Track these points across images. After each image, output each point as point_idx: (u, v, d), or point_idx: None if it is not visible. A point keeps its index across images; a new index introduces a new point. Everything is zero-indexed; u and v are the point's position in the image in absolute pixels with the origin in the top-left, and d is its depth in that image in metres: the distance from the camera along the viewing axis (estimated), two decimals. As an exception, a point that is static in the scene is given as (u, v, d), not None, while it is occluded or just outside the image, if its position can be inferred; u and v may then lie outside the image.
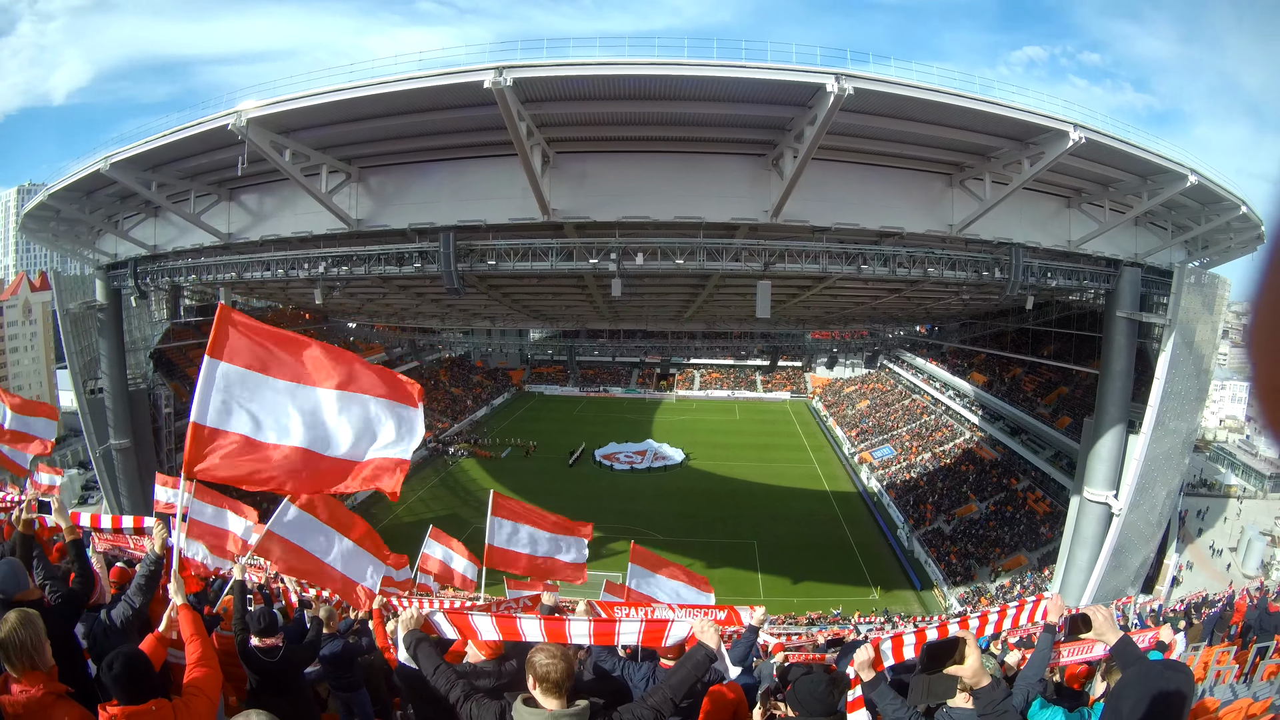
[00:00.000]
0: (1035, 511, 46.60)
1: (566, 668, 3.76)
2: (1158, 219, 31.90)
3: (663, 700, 4.04)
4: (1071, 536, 34.87)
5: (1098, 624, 4.68)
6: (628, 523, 48.46)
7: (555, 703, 3.76)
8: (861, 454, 68.63)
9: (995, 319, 54.07)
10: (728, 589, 38.65)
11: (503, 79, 18.71)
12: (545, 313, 55.32)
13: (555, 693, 3.76)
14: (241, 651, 6.98)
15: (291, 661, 7.06)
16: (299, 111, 21.56)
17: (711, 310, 49.53)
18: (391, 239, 27.63)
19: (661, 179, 24.99)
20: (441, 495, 58.09)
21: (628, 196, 24.89)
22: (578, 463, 67.43)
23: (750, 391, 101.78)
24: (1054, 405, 50.14)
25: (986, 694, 4.18)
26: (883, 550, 48.21)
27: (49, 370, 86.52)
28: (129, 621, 5.63)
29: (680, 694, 4.13)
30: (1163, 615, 24.01)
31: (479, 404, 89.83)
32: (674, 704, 4.07)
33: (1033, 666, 4.90)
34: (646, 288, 37.61)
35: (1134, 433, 32.17)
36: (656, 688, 4.21)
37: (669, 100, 21.66)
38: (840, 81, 18.88)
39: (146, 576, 5.78)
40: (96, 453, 40.73)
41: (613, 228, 25.94)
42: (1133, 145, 24.08)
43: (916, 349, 78.17)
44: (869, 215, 26.03)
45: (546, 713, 3.75)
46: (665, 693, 4.09)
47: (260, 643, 6.90)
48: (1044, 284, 30.15)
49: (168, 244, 32.36)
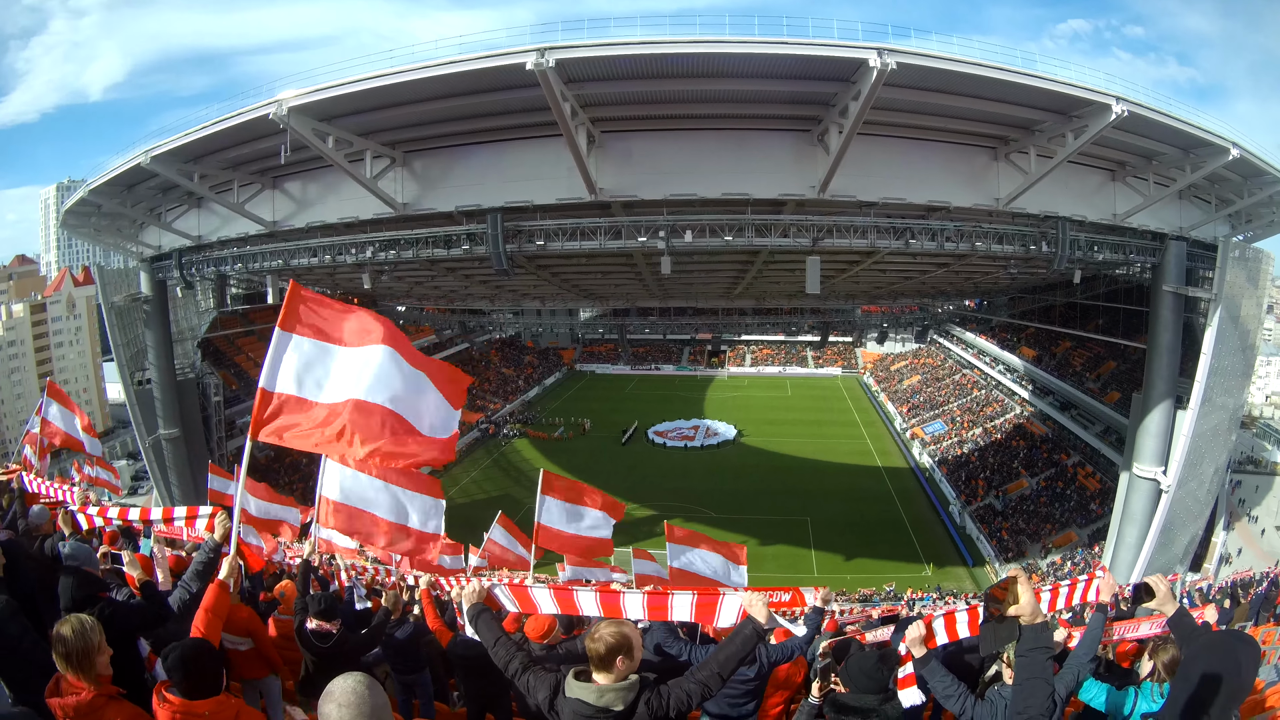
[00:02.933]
0: (1086, 488, 46.22)
1: (617, 643, 3.78)
2: (1201, 192, 31.46)
3: (710, 675, 4.07)
4: (1121, 513, 34.53)
5: (1160, 595, 4.64)
6: (681, 500, 48.76)
7: (606, 677, 3.81)
8: (913, 429, 68.13)
9: (1043, 293, 53.34)
10: (782, 566, 38.99)
11: (545, 60, 18.64)
12: (595, 292, 55.24)
13: (605, 667, 3.81)
14: (298, 633, 7.05)
15: (344, 648, 7.03)
16: (340, 99, 21.62)
17: (761, 287, 49.40)
18: (438, 222, 27.73)
19: (708, 156, 24.93)
20: (495, 476, 58.37)
21: (674, 174, 24.83)
22: (630, 441, 67.58)
23: (801, 367, 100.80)
24: (1103, 380, 49.66)
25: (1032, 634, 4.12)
26: (935, 526, 47.92)
27: (95, 364, 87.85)
28: (186, 606, 5.64)
29: (729, 669, 4.15)
30: (1210, 594, 23.82)
31: (530, 384, 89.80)
32: (721, 678, 4.10)
33: (1084, 646, 4.86)
34: (695, 265, 37.59)
35: (1182, 408, 31.73)
36: (704, 662, 4.22)
37: (712, 77, 21.56)
38: (883, 56, 18.67)
39: (204, 563, 5.79)
40: (146, 443, 41.13)
41: (660, 206, 25.87)
42: (1174, 118, 23.71)
43: (966, 323, 77.39)
44: (915, 189, 25.86)
45: (595, 686, 3.81)
46: (713, 667, 4.12)
47: (316, 626, 6.93)
48: (1090, 258, 29.87)
49: (212, 234, 32.63)
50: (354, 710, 2.97)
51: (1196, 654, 4.05)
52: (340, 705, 2.98)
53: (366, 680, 3.11)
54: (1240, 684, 3.72)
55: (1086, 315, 50.21)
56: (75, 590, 5.33)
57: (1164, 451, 32.38)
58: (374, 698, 3.04)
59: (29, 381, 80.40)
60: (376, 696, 3.06)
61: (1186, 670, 4.00)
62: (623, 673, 3.81)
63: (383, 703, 3.08)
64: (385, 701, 3.11)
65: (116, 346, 40.24)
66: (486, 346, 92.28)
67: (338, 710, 2.98)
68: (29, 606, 5.20)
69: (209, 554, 5.87)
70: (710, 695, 4.07)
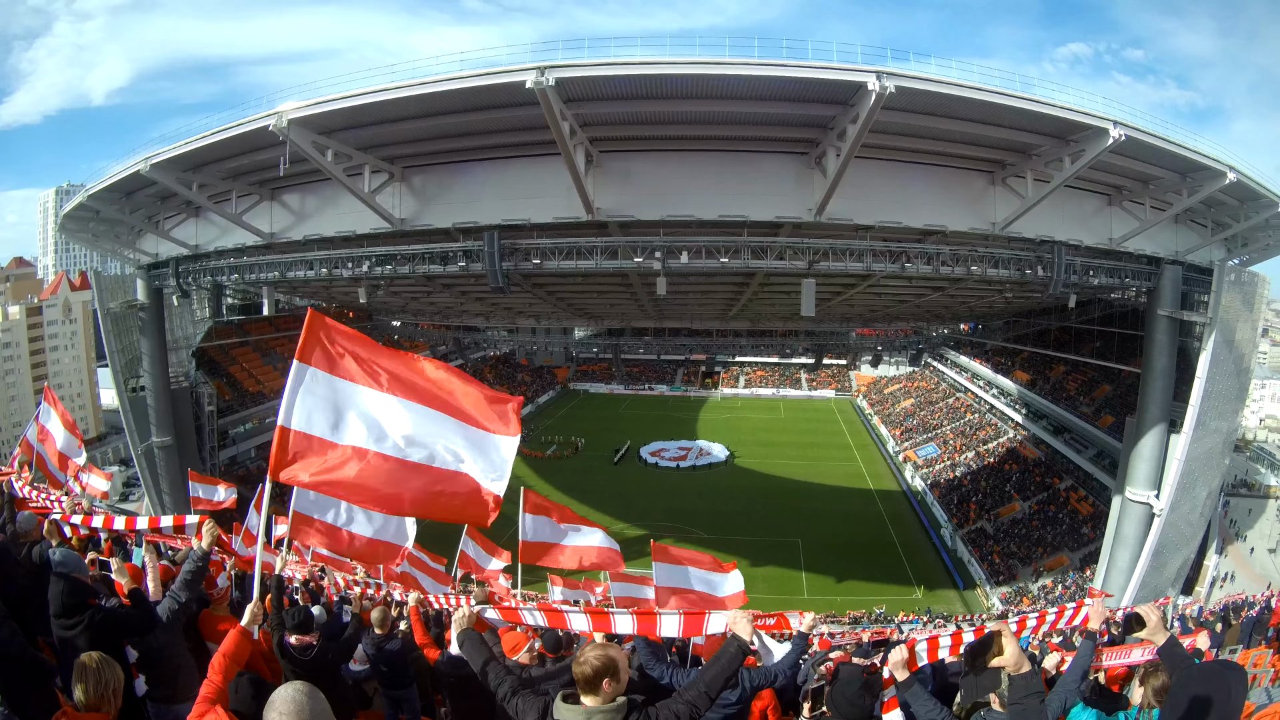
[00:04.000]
0: (1078, 511, 46.32)
1: (603, 665, 3.75)
2: (1198, 216, 31.61)
3: (698, 695, 4.03)
4: (1113, 537, 34.60)
5: (1151, 624, 4.71)
6: (672, 520, 48.92)
7: (594, 699, 3.79)
8: (906, 452, 68.43)
9: (1038, 317, 53.38)
10: (772, 587, 38.95)
11: (545, 79, 18.71)
12: (590, 311, 55.39)
13: (592, 689, 3.79)
14: (278, 647, 6.91)
15: (327, 658, 6.98)
16: (340, 112, 21.69)
17: (756, 308, 49.49)
18: (435, 238, 27.74)
19: (705, 177, 25.01)
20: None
21: (672, 195, 24.91)
22: (623, 461, 67.60)
23: (795, 390, 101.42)
24: (1097, 404, 49.64)
25: (1021, 682, 4.23)
26: (926, 549, 48.14)
27: (89, 369, 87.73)
28: (175, 616, 5.68)
29: (716, 688, 4.13)
30: (1202, 617, 23.83)
31: (524, 402, 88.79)
32: (709, 698, 4.06)
33: (1072, 673, 4.92)
34: (691, 286, 37.68)
35: (1175, 432, 31.77)
36: (691, 683, 4.19)
37: (711, 99, 21.65)
38: (881, 80, 18.78)
39: (193, 572, 5.81)
40: (138, 450, 41.17)
41: (657, 226, 25.97)
42: (1171, 142, 23.84)
43: (960, 347, 77.53)
44: (912, 213, 25.94)
45: (583, 709, 3.79)
46: (700, 687, 4.09)
47: (295, 640, 6.86)
48: (1086, 282, 29.95)
49: (209, 244, 32.60)
50: (295, 717, 3.10)
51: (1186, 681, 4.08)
52: (281, 713, 3.11)
53: (307, 688, 3.26)
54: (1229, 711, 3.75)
55: (1081, 339, 50.30)
56: (66, 597, 5.24)
57: (1157, 475, 32.43)
58: (314, 704, 3.18)
59: (23, 384, 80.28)
60: (316, 703, 3.20)
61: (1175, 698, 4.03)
62: (610, 695, 3.79)
63: (323, 709, 3.22)
64: (326, 708, 3.25)
65: (112, 353, 40.34)
66: (481, 363, 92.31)
67: (279, 718, 3.11)
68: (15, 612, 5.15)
69: (197, 563, 5.87)
70: (698, 716, 4.02)
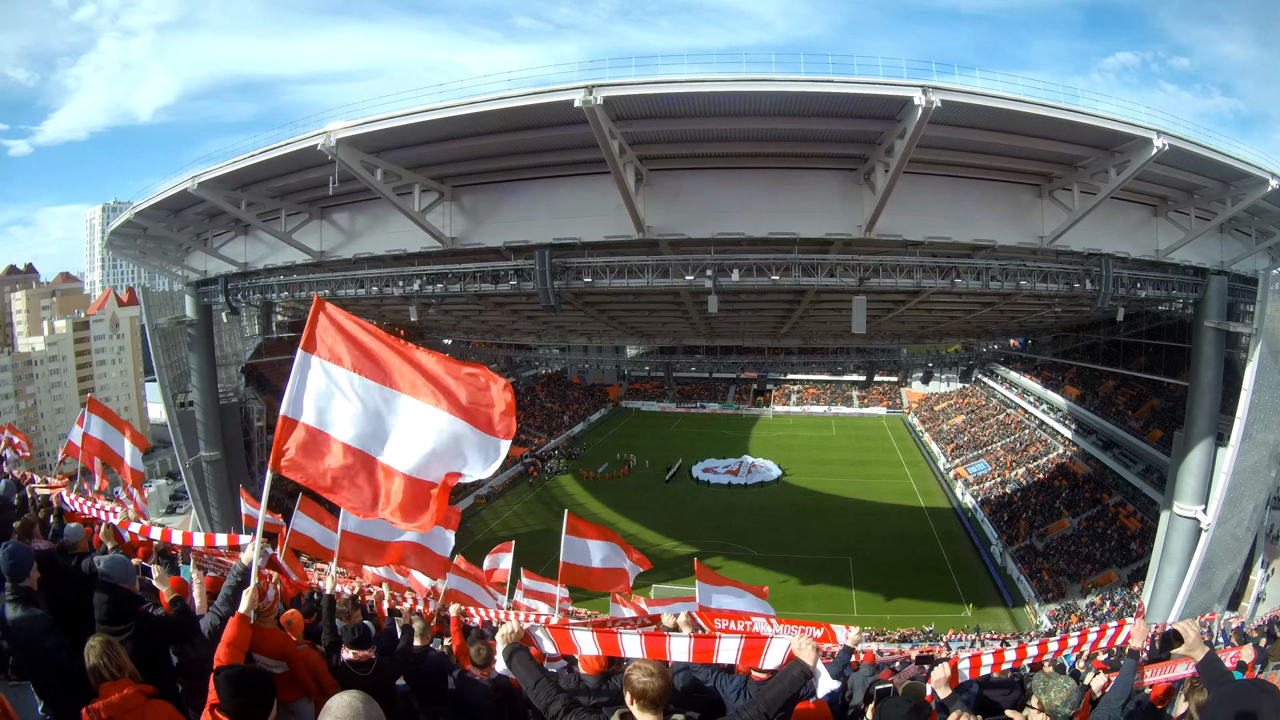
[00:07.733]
0: (1126, 527, 45.71)
1: (663, 685, 3.76)
2: (1242, 225, 31.21)
3: (756, 715, 4.01)
4: (1160, 553, 34.06)
5: (1189, 640, 4.78)
6: (723, 539, 48.91)
7: (651, 718, 3.78)
8: (956, 469, 67.68)
9: (1087, 331, 52.91)
10: (822, 605, 38.79)
11: (593, 98, 18.81)
12: (642, 329, 55.58)
13: (652, 709, 3.76)
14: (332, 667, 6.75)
15: (384, 673, 6.96)
16: (388, 132, 21.87)
17: (807, 326, 49.44)
18: (486, 257, 27.94)
19: (754, 195, 25.12)
20: (537, 510, 58.59)
21: (721, 213, 25.03)
22: (674, 478, 67.29)
23: (846, 407, 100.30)
24: (1145, 418, 49.05)
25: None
26: (976, 567, 47.62)
27: (137, 383, 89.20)
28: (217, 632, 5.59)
29: (775, 709, 4.06)
30: (1247, 632, 23.49)
31: (575, 420, 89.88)
32: (768, 718, 4.02)
33: (1115, 692, 5.00)
34: (742, 304, 37.68)
35: (1223, 445, 31.21)
36: (750, 702, 4.21)
37: (758, 116, 21.71)
38: (927, 94, 18.76)
39: (234, 587, 5.87)
40: (186, 464, 41.46)
41: (707, 244, 26.01)
42: (1213, 150, 23.63)
43: (1010, 363, 76.97)
44: (961, 229, 25.92)
45: None
46: (760, 707, 4.06)
47: (353, 656, 6.80)
48: (1134, 295, 29.63)
49: (259, 261, 32.91)
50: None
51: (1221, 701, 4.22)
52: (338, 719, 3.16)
53: (363, 696, 3.28)
54: None
55: (1130, 353, 49.58)
56: (111, 606, 5.29)
57: (1204, 490, 31.88)
58: (369, 712, 3.22)
59: (69, 397, 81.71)
60: (373, 711, 3.23)
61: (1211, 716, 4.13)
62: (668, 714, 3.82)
63: (378, 717, 3.25)
64: (381, 716, 3.27)
65: (159, 368, 40.83)
66: (532, 382, 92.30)
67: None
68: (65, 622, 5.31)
69: (237, 578, 5.97)
70: None
